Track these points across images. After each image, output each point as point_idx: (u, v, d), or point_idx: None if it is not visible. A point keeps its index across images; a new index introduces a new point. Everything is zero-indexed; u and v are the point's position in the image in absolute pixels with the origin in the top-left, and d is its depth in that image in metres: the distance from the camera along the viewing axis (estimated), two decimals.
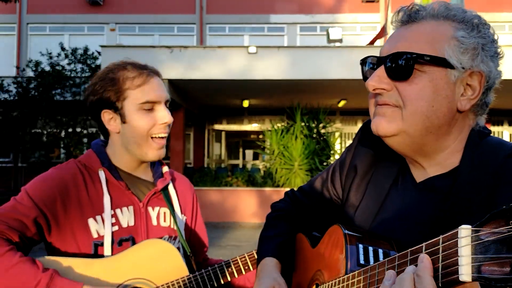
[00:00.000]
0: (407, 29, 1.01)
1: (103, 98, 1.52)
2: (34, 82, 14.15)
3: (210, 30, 18.01)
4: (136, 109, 1.51)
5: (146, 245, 1.49)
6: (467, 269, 0.55)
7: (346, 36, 14.71)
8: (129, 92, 1.51)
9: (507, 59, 7.75)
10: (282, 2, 17.59)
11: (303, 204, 1.41)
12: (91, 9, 17.65)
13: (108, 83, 1.51)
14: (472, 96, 0.98)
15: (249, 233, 10.20)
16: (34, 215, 1.43)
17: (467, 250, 0.56)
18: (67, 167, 1.56)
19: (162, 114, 1.53)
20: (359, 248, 0.98)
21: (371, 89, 1.01)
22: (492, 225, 0.54)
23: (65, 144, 14.28)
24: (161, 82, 1.59)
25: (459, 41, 0.96)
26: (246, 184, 12.79)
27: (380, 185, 1.15)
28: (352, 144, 1.30)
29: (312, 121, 12.88)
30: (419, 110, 0.96)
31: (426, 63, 0.95)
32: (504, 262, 0.52)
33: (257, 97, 14.13)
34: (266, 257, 1.29)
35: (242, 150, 18.84)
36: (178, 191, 1.73)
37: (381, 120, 1.00)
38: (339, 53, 11.37)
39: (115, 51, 11.47)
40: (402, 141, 1.00)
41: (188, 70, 11.13)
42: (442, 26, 0.98)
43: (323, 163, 12.49)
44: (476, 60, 0.96)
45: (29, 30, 18.07)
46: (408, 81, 0.97)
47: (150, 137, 1.53)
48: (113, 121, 1.54)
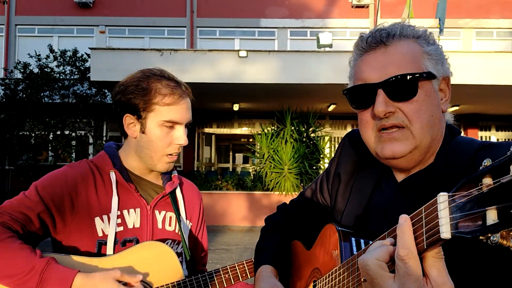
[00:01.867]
0: (385, 54, 1.08)
1: (130, 103, 1.54)
2: (22, 84, 13.99)
3: (200, 34, 17.99)
4: (158, 124, 1.54)
5: (145, 246, 1.52)
6: (446, 227, 0.64)
7: (336, 41, 14.77)
8: (156, 107, 1.53)
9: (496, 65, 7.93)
10: (272, 6, 17.65)
11: (295, 216, 1.49)
12: (80, 11, 17.54)
13: (139, 91, 1.53)
14: (446, 98, 1.12)
15: (238, 237, 10.18)
16: (39, 210, 1.44)
17: (445, 212, 0.65)
18: (79, 166, 1.59)
19: (180, 136, 1.57)
20: (351, 241, 1.06)
21: (382, 115, 1.06)
22: (465, 189, 0.64)
23: (53, 147, 14.14)
24: (189, 104, 1.62)
25: (430, 54, 1.08)
26: (236, 188, 12.77)
27: (363, 189, 1.22)
28: (336, 154, 1.39)
29: (302, 125, 12.91)
30: (425, 123, 1.05)
31: (423, 79, 1.04)
32: (476, 217, 0.61)
33: (247, 100, 14.13)
34: (263, 265, 1.36)
35: (232, 153, 18.81)
36: (185, 196, 1.76)
37: (395, 144, 1.07)
38: (329, 57, 11.43)
39: (104, 53, 11.41)
40: (412, 157, 1.08)
41: (178, 73, 10.84)
42: (412, 44, 1.08)
43: (313, 167, 12.52)
44: (443, 67, 1.10)
45: (18, 31, 17.89)
46: (410, 100, 1.04)
47: (165, 154, 1.57)
48: (133, 126, 1.57)
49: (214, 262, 7.46)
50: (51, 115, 13.74)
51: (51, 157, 14.85)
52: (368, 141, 1.13)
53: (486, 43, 17.14)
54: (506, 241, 0.59)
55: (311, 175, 12.23)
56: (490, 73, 10.82)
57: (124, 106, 1.56)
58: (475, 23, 17.26)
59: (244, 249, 8.69)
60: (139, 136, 1.57)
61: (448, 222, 0.64)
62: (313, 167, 12.54)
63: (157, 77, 1.57)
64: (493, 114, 16.13)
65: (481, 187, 0.61)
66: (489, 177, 0.60)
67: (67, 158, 14.54)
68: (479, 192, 0.61)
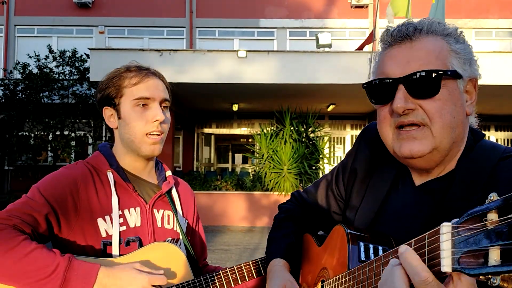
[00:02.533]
0: (411, 49, 1.04)
1: (104, 95, 1.61)
2: (22, 84, 13.97)
3: (200, 34, 17.99)
4: (131, 105, 1.57)
5: (154, 247, 1.53)
6: (447, 261, 0.63)
7: (335, 41, 14.77)
8: (126, 90, 1.58)
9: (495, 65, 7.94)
10: (272, 6, 17.65)
11: (309, 205, 1.47)
12: (80, 12, 17.53)
13: (109, 81, 1.60)
14: (472, 100, 1.06)
15: (238, 237, 10.18)
16: (45, 211, 1.44)
17: (448, 245, 0.63)
18: (77, 167, 1.60)
19: (154, 112, 1.57)
20: (360, 246, 1.05)
21: (401, 111, 1.02)
22: (470, 223, 0.61)
23: (52, 147, 14.12)
24: (159, 83, 1.64)
25: (458, 52, 1.03)
26: (235, 188, 12.76)
27: (379, 188, 1.20)
28: (353, 148, 1.36)
29: (301, 125, 12.91)
30: (447, 123, 1.01)
31: (448, 77, 1.00)
32: (479, 254, 0.58)
33: (247, 101, 14.14)
34: (275, 258, 1.35)
35: (232, 153, 18.81)
36: (180, 195, 1.78)
37: (413, 143, 1.03)
38: (328, 58, 11.43)
39: (104, 54, 11.41)
40: (431, 157, 1.04)
41: (178, 73, 11.10)
42: (439, 41, 1.04)
43: (312, 167, 12.52)
44: (471, 68, 1.05)
45: (17, 31, 17.88)
46: (432, 98, 1.00)
47: (145, 134, 1.58)
48: (112, 117, 1.62)
49: (213, 262, 7.45)
50: (51, 116, 13.73)
51: (50, 158, 14.84)
52: (386, 138, 1.10)
53: (485, 43, 17.14)
54: (507, 284, 0.56)
55: (310, 175, 12.22)
56: (489, 73, 10.82)
57: (100, 101, 1.63)
58: (474, 23, 17.27)
59: (243, 249, 8.68)
60: (118, 124, 1.61)
61: (450, 255, 0.62)
62: (313, 167, 12.54)
63: (125, 67, 1.64)
64: (493, 114, 16.13)
65: (486, 223, 0.58)
66: (495, 212, 0.57)
67: (66, 158, 14.54)
68: (483, 228, 0.58)
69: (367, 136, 1.31)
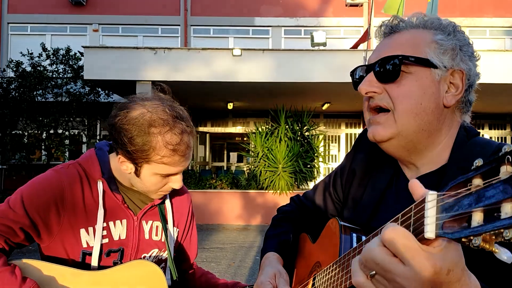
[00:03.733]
0: (390, 39, 1.12)
1: (126, 148, 1.40)
2: (15, 82, 13.88)
3: (194, 32, 17.95)
4: (153, 173, 1.46)
5: (135, 265, 1.50)
6: (431, 227, 0.64)
7: (330, 40, 14.78)
8: (153, 163, 1.43)
9: (489, 64, 7.96)
10: (267, 5, 17.64)
11: (307, 208, 1.50)
12: (73, 9, 17.43)
13: (138, 143, 1.39)
14: (456, 93, 1.06)
15: (233, 235, 10.18)
16: (23, 223, 1.41)
17: (432, 212, 0.64)
18: (67, 172, 1.51)
19: (175, 182, 1.51)
20: (352, 236, 1.05)
21: (363, 93, 1.08)
22: (455, 189, 0.62)
23: (46, 146, 14.05)
24: (190, 153, 1.48)
25: (438, 43, 1.06)
26: (230, 187, 12.76)
27: (376, 187, 1.21)
28: (351, 150, 1.39)
29: (296, 123, 12.92)
30: (409, 108, 1.04)
31: (412, 64, 1.04)
32: (462, 218, 0.59)
33: (242, 99, 14.12)
34: (269, 252, 1.37)
35: (226, 152, 18.79)
36: (173, 203, 1.72)
37: (377, 127, 1.09)
38: (323, 56, 11.43)
39: (98, 52, 11.34)
40: (397, 143, 1.08)
41: (172, 72, 11.07)
42: (421, 33, 1.09)
43: (307, 165, 12.53)
44: (456, 60, 1.06)
45: (10, 29, 17.76)
46: (396, 83, 1.05)
47: (157, 191, 1.53)
48: (126, 166, 1.47)
49: (208, 260, 7.45)
50: (44, 114, 13.66)
51: (44, 156, 14.76)
52: (366, 123, 1.16)
53: (480, 41, 17.22)
54: (489, 246, 0.57)
55: (305, 173, 12.24)
56: (484, 72, 10.77)
57: (119, 144, 1.43)
58: (469, 21, 17.34)
59: (238, 247, 8.68)
60: (133, 175, 1.48)
61: (434, 222, 0.64)
62: (308, 166, 12.55)
63: (159, 128, 1.39)
64: (487, 113, 16.21)
65: (470, 188, 0.59)
66: (480, 177, 0.58)
67: (60, 157, 14.46)
68: (467, 193, 0.59)
69: (364, 139, 1.33)
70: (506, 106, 15.08)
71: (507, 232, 0.52)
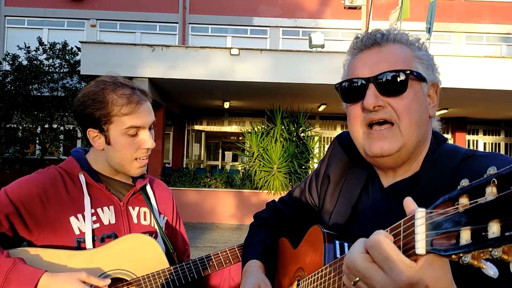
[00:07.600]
0: (379, 53, 1.12)
1: (90, 118, 1.54)
2: (11, 76, 13.81)
3: (192, 30, 17.92)
4: (121, 133, 1.55)
5: (127, 238, 1.55)
6: (422, 243, 0.67)
7: (327, 42, 14.80)
8: (116, 118, 1.54)
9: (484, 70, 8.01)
10: (265, 5, 17.64)
11: (284, 214, 1.52)
12: (71, 4, 17.35)
13: (96, 105, 1.53)
14: (434, 104, 1.14)
15: (226, 234, 10.18)
16: (7, 211, 1.45)
17: (422, 229, 0.67)
18: (48, 171, 1.60)
19: (145, 140, 1.58)
20: (335, 244, 1.07)
21: (371, 107, 1.08)
22: (442, 207, 0.65)
23: (40, 140, 13.98)
24: (149, 107, 1.62)
25: (421, 59, 1.11)
26: (224, 186, 12.76)
27: (351, 191, 1.24)
28: (325, 155, 1.41)
29: (292, 124, 12.94)
30: (414, 121, 1.07)
31: (414, 78, 1.07)
32: (451, 235, 0.62)
33: (238, 98, 14.12)
34: (251, 260, 1.39)
35: (222, 151, 18.79)
36: (156, 192, 1.79)
37: (384, 142, 1.08)
38: (321, 58, 11.45)
39: (95, 47, 11.31)
40: (399, 156, 1.10)
41: (170, 69, 11.05)
42: (404, 48, 1.12)
43: (302, 166, 12.56)
44: (433, 74, 1.13)
45: (7, 22, 17.65)
46: (399, 96, 1.07)
47: (134, 159, 1.59)
48: (98, 139, 1.58)
49: None
50: (40, 108, 13.60)
51: (38, 151, 14.69)
52: (356, 136, 1.14)
53: (476, 47, 17.30)
54: (477, 262, 0.60)
55: (300, 174, 12.26)
56: (479, 78, 10.93)
57: (85, 120, 1.57)
58: (466, 27, 17.41)
59: (231, 246, 8.68)
60: (106, 148, 1.58)
61: (424, 238, 0.67)
62: (302, 167, 12.57)
63: (111, 87, 1.56)
64: (481, 118, 16.31)
65: (458, 207, 0.62)
66: (466, 197, 0.62)
67: (54, 152, 14.40)
68: (455, 212, 0.62)
69: (339, 143, 1.36)
70: (501, 112, 15.18)
71: (495, 251, 0.56)
